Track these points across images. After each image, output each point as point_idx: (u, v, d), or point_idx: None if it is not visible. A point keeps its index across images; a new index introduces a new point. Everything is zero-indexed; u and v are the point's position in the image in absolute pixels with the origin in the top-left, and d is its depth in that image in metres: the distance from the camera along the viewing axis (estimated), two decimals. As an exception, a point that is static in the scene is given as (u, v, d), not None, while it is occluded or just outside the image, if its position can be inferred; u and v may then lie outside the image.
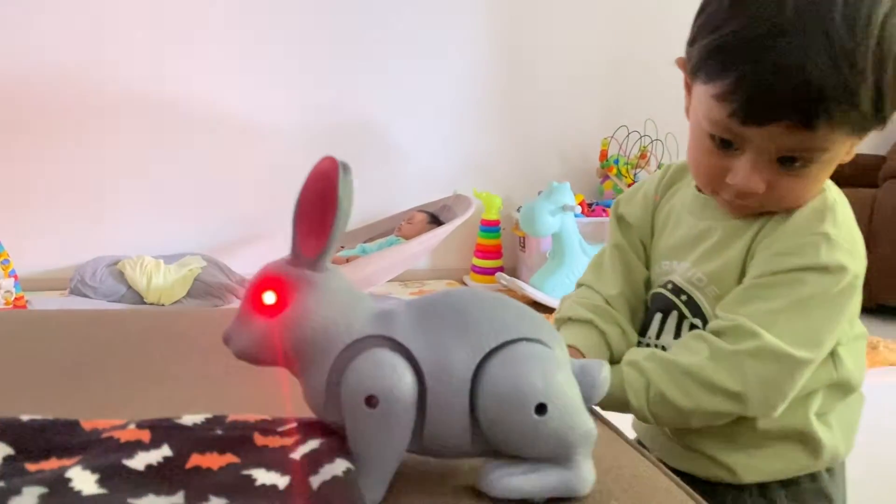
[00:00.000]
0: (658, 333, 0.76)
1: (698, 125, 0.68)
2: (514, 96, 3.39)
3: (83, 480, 0.37)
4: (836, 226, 0.66)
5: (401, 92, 3.25)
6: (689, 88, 0.70)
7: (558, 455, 0.42)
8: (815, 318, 0.65)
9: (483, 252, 3.24)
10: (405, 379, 0.41)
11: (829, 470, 0.75)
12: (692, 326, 0.72)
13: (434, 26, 3.26)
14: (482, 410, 0.41)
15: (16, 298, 2.32)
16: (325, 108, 3.16)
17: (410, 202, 3.16)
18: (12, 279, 2.33)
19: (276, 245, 2.90)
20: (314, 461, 0.41)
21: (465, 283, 3.22)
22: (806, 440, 0.71)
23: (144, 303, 2.64)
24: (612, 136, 3.34)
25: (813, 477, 0.74)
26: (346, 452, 0.42)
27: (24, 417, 0.43)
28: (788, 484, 0.73)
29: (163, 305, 2.63)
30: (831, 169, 0.67)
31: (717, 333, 0.66)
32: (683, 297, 0.73)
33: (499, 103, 3.38)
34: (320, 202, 0.41)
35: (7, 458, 0.40)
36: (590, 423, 0.43)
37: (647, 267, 0.81)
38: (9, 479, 0.37)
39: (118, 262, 2.75)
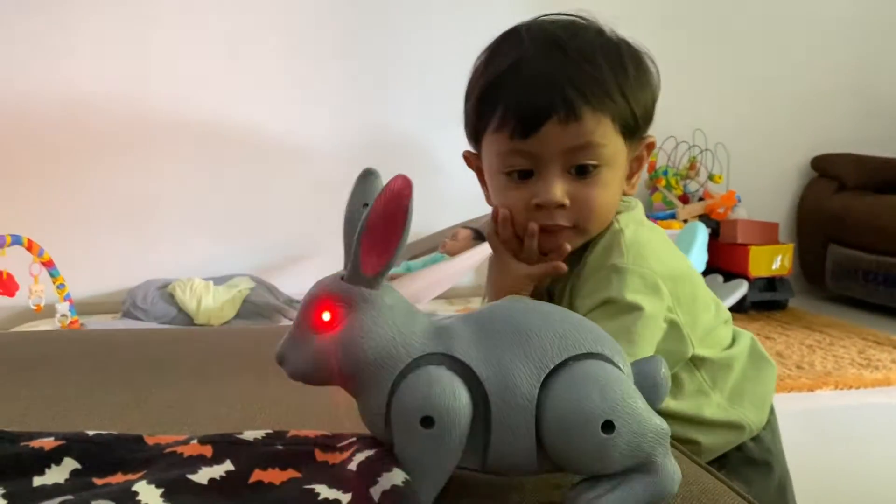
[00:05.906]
0: None
1: (496, 175, 0.76)
2: (556, 111, 3.38)
3: (149, 494, 0.37)
4: (622, 255, 0.73)
5: (441, 108, 3.25)
6: (481, 175, 0.81)
7: (637, 464, 0.41)
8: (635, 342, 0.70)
9: (528, 268, 3.21)
10: (462, 399, 0.40)
11: (754, 439, 0.83)
12: None
13: (472, 42, 3.27)
14: (547, 433, 0.40)
15: (71, 322, 2.38)
16: (367, 127, 3.19)
17: (453, 219, 3.16)
18: (67, 303, 2.40)
19: (322, 264, 2.93)
20: (371, 471, 0.41)
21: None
22: (730, 423, 0.80)
23: (195, 324, 2.68)
24: (660, 147, 3.30)
25: (739, 448, 0.82)
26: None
27: (90, 433, 0.43)
28: (718, 458, 0.82)
29: (213, 326, 2.66)
30: (621, 174, 0.74)
31: None
32: None
33: (540, 118, 3.37)
34: (388, 221, 0.40)
35: (75, 473, 0.40)
36: (659, 423, 0.41)
37: None
38: (77, 493, 0.37)
39: (168, 284, 2.80)
